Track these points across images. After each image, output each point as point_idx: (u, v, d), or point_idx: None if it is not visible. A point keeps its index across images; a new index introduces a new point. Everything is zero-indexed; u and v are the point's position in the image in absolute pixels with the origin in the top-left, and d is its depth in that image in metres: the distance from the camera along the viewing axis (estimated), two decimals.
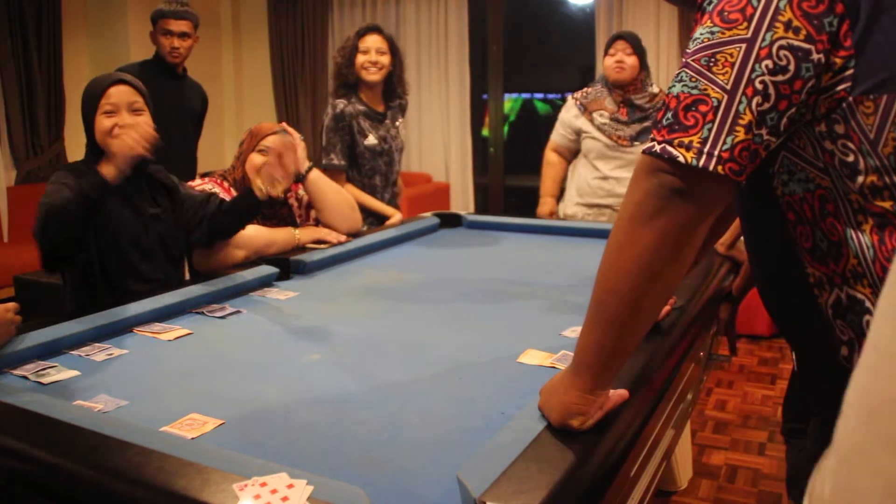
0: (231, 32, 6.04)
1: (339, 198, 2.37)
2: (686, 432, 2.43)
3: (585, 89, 3.10)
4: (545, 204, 3.13)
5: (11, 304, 1.40)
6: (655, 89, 3.00)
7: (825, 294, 0.88)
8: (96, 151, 1.79)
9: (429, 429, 1.09)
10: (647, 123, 2.97)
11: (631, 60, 2.92)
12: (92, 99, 1.81)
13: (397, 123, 2.95)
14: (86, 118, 1.82)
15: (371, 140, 2.79)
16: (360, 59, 2.77)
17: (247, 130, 2.26)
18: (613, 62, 2.94)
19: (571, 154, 3.15)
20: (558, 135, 3.15)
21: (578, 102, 3.07)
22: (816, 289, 0.88)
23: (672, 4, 1.08)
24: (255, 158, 2.16)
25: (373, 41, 2.78)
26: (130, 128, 1.71)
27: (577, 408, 0.94)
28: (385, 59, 2.81)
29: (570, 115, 3.09)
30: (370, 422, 1.11)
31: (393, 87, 2.90)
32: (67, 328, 1.46)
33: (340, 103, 2.77)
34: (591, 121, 3.01)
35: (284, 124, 2.28)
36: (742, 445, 2.68)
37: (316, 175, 2.32)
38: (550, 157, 3.18)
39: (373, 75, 2.78)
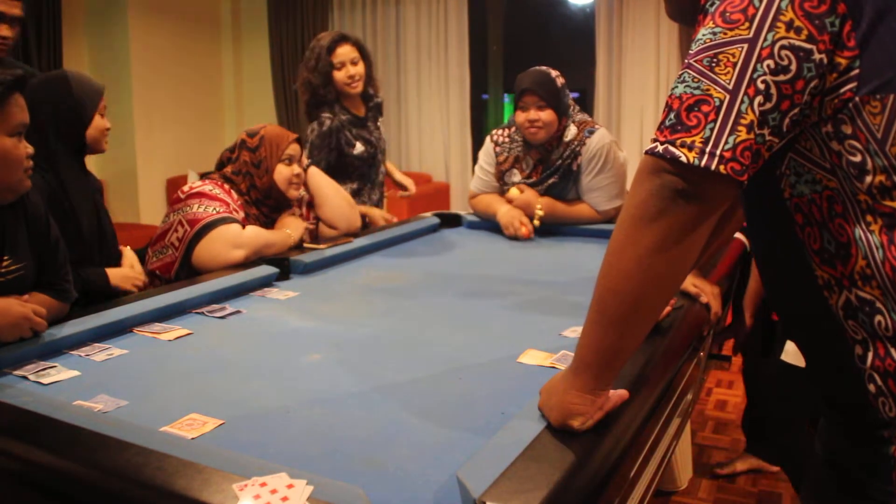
0: (231, 32, 6.05)
1: (338, 194, 2.43)
2: (686, 432, 2.43)
3: (505, 132, 2.67)
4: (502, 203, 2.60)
5: (38, 308, 1.40)
6: (571, 131, 2.54)
7: (835, 296, 0.88)
8: (77, 149, 1.83)
9: (429, 429, 1.09)
10: (552, 180, 2.56)
11: (546, 116, 2.46)
12: (95, 98, 1.84)
13: (378, 124, 2.92)
14: (83, 115, 1.81)
15: (358, 148, 2.77)
16: (338, 75, 2.71)
17: (255, 135, 2.20)
18: (525, 121, 2.49)
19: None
20: (480, 182, 2.73)
21: (497, 148, 2.67)
22: (826, 291, 0.88)
23: (674, 20, 1.09)
24: (284, 170, 2.18)
25: (344, 53, 2.71)
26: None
27: (577, 408, 0.94)
28: (360, 69, 2.74)
29: (489, 162, 2.70)
30: (370, 422, 1.11)
31: (366, 90, 2.85)
32: (67, 328, 1.46)
33: (327, 119, 2.72)
34: (500, 178, 2.67)
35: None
36: (742, 445, 2.67)
37: (313, 171, 2.36)
38: (476, 197, 2.74)
39: (354, 89, 2.74)
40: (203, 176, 2.23)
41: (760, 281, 1.73)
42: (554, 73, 2.56)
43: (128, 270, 1.90)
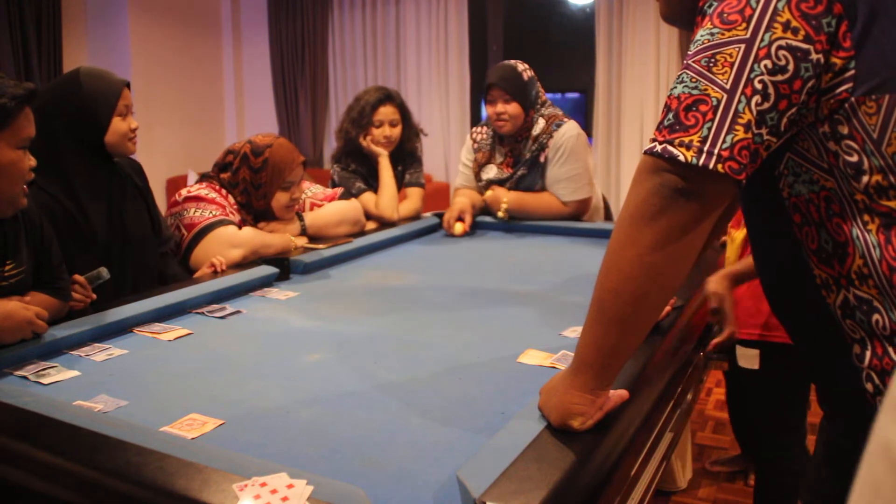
0: (231, 32, 6.05)
1: (339, 212, 2.42)
2: (686, 432, 2.43)
3: (484, 130, 2.80)
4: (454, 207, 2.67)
5: (38, 309, 1.40)
6: (540, 125, 2.63)
7: (832, 295, 0.88)
8: (96, 151, 1.79)
9: (429, 429, 1.09)
10: (521, 172, 2.67)
11: (511, 108, 2.58)
12: (110, 98, 1.78)
13: (399, 168, 2.88)
14: (96, 119, 1.76)
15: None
16: (375, 132, 2.73)
17: (260, 155, 2.14)
18: (494, 114, 2.62)
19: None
20: (462, 177, 2.85)
21: (475, 145, 2.79)
22: (824, 290, 0.89)
23: (668, 23, 1.10)
24: (283, 198, 2.17)
25: (385, 113, 2.73)
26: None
27: (577, 408, 0.94)
28: (397, 132, 2.77)
29: (469, 158, 2.82)
30: (370, 422, 1.11)
31: (402, 156, 2.84)
32: (67, 328, 1.46)
33: (337, 168, 2.81)
34: (478, 174, 2.76)
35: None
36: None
37: (308, 221, 2.33)
38: (457, 191, 2.86)
39: (386, 148, 2.76)
40: (202, 179, 2.21)
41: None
42: (521, 66, 2.64)
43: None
